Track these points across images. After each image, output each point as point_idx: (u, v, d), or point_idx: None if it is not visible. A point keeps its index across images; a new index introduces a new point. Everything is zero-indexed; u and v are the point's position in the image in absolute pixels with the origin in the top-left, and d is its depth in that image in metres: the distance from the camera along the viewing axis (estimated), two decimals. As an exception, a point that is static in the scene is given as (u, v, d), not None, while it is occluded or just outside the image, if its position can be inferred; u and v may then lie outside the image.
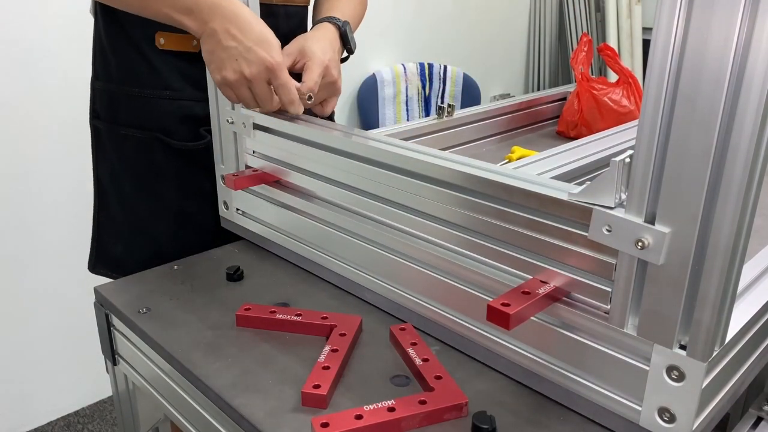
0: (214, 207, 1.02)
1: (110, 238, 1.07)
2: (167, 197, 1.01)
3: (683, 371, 0.52)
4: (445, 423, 0.61)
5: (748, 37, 0.42)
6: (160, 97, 0.97)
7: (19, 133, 1.73)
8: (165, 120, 0.98)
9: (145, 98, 0.98)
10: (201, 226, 1.03)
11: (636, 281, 0.53)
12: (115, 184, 1.04)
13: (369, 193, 0.77)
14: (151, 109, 0.98)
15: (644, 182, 0.50)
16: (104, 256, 1.08)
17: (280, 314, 0.76)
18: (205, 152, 0.99)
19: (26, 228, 1.80)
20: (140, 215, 1.03)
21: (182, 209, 1.02)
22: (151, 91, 0.97)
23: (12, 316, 1.83)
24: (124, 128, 1.00)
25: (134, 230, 1.04)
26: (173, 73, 0.97)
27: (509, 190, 0.62)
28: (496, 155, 1.27)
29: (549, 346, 0.62)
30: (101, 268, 1.09)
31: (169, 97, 0.97)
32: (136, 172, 1.01)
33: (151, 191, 1.01)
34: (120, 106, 1.00)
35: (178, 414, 0.76)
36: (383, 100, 2.47)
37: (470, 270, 0.67)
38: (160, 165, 1.00)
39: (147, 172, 1.01)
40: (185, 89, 0.98)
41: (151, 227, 1.03)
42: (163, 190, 1.01)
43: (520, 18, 3.03)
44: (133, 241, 1.05)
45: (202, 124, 0.98)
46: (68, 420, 1.99)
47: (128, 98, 0.98)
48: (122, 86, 0.99)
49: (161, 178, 1.01)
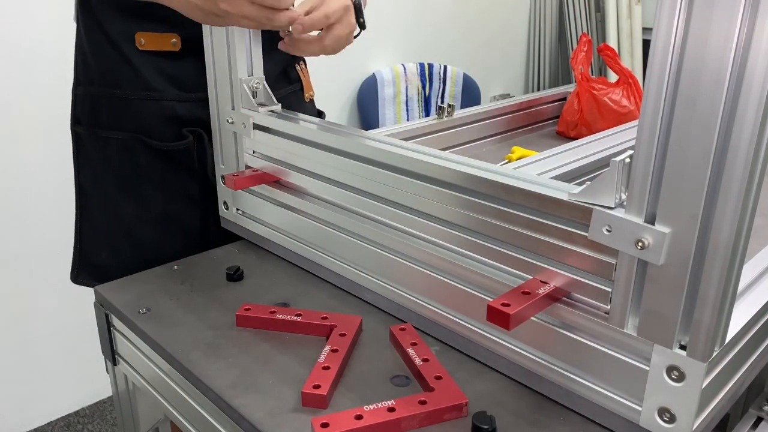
0: (201, 210, 1.01)
1: (93, 246, 1.05)
2: (152, 200, 1.00)
3: (683, 371, 0.52)
4: (445, 423, 0.61)
5: (748, 37, 0.42)
6: (141, 98, 0.96)
7: (19, 132, 1.73)
8: (147, 121, 0.96)
9: (127, 99, 0.96)
10: (187, 229, 1.02)
11: (636, 281, 0.53)
12: (99, 189, 1.02)
13: (369, 193, 0.77)
14: (132, 110, 0.96)
15: (644, 182, 0.50)
16: (87, 264, 1.06)
17: (280, 314, 0.76)
18: (187, 153, 0.97)
19: (26, 228, 1.80)
20: (125, 219, 1.01)
21: (167, 212, 1.00)
22: (133, 92, 0.96)
23: (12, 316, 1.83)
24: (106, 131, 0.98)
25: (119, 235, 1.02)
26: (154, 73, 0.95)
27: (509, 190, 0.62)
28: (496, 155, 1.27)
29: (549, 346, 0.62)
30: (84, 278, 1.07)
31: (151, 97, 0.96)
32: (120, 175, 1.00)
33: (135, 194, 1.00)
34: (101, 109, 0.98)
35: (178, 414, 0.76)
36: (383, 100, 2.47)
37: (470, 270, 0.67)
38: (143, 167, 0.98)
39: (130, 175, 0.99)
40: (167, 89, 0.96)
41: (136, 231, 1.01)
42: (147, 192, 1.00)
43: (520, 18, 3.03)
44: (118, 247, 1.03)
45: (185, 125, 0.97)
46: (68, 420, 1.99)
47: (110, 100, 0.97)
48: (103, 89, 0.97)
49: (145, 180, 0.99)
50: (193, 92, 0.97)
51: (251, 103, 0.89)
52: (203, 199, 1.01)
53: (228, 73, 0.90)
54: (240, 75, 0.88)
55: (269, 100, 0.91)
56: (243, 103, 0.90)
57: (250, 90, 0.89)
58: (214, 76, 0.92)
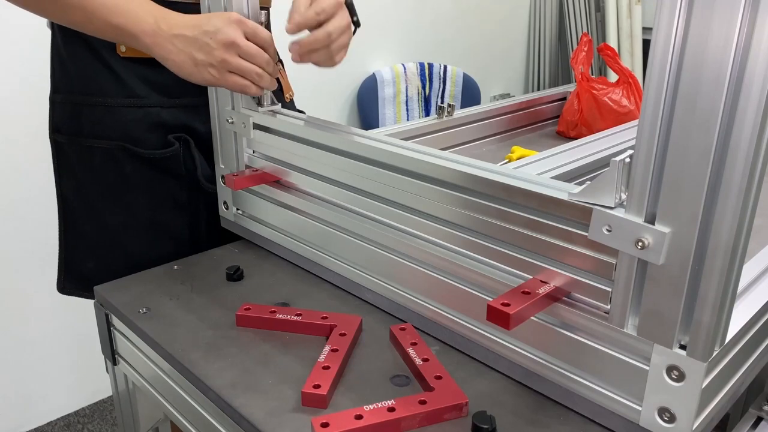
0: (190, 217, 1.00)
1: (79, 257, 1.04)
2: (138, 208, 0.98)
3: (683, 371, 0.52)
4: (445, 423, 0.61)
5: (748, 37, 0.42)
6: (124, 105, 0.94)
7: (20, 132, 1.73)
8: (131, 128, 0.94)
9: (109, 107, 0.94)
10: (176, 236, 1.00)
11: (636, 281, 0.53)
12: (83, 199, 1.00)
13: (369, 193, 0.77)
14: (115, 118, 0.94)
15: (644, 182, 0.50)
16: (74, 275, 1.05)
17: (280, 314, 0.76)
18: (174, 160, 0.96)
19: (26, 228, 1.80)
20: (112, 229, 0.99)
21: (155, 220, 0.99)
22: (115, 99, 0.94)
23: (12, 316, 1.83)
24: (89, 140, 0.96)
25: (106, 245, 1.00)
26: (137, 80, 0.94)
27: (509, 190, 0.62)
28: (496, 155, 1.27)
29: (549, 346, 0.62)
30: (72, 288, 1.05)
31: (134, 105, 0.94)
32: (105, 184, 0.98)
33: (122, 203, 0.98)
34: (83, 117, 0.96)
35: (178, 414, 0.76)
36: (383, 100, 2.47)
37: (470, 270, 0.67)
38: (128, 175, 0.96)
39: (116, 184, 0.97)
40: (150, 96, 0.94)
41: (124, 240, 0.99)
42: (133, 200, 0.98)
43: (520, 18, 3.03)
44: (106, 257, 1.01)
45: (171, 131, 0.95)
46: (68, 420, 1.99)
47: (91, 108, 0.95)
48: (84, 96, 0.95)
49: (131, 188, 0.97)
50: (177, 98, 0.95)
51: (251, 103, 0.89)
52: (191, 205, 1.00)
53: (228, 73, 0.89)
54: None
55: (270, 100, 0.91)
56: (243, 103, 0.90)
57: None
58: (214, 76, 0.92)
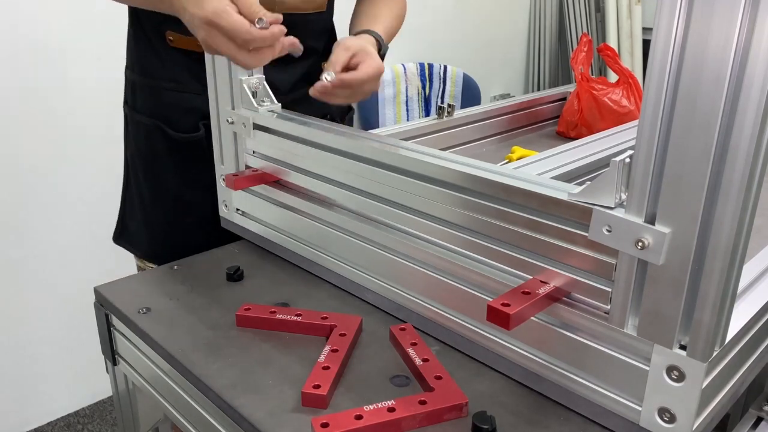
0: (214, 197, 1.03)
1: (129, 216, 1.14)
2: (166, 184, 1.06)
3: (683, 371, 0.52)
4: (445, 423, 0.61)
5: (748, 37, 0.42)
6: (166, 88, 1.03)
7: (19, 133, 1.73)
8: (169, 110, 1.03)
9: (153, 88, 1.04)
10: (200, 215, 1.07)
11: (636, 281, 0.53)
12: (133, 166, 1.11)
13: (369, 193, 0.77)
14: (157, 98, 1.04)
15: (644, 182, 0.50)
16: (125, 230, 1.15)
17: (280, 314, 0.76)
18: (199, 144, 1.02)
19: (26, 228, 1.80)
20: (144, 201, 1.09)
21: (181, 197, 1.06)
22: (159, 82, 1.03)
23: (12, 316, 1.83)
24: (137, 114, 1.06)
25: (142, 212, 1.10)
26: (180, 68, 1.01)
27: (509, 190, 0.62)
28: (496, 155, 1.27)
29: (549, 346, 0.62)
30: (122, 241, 1.15)
31: (174, 89, 1.02)
32: (143, 158, 1.08)
33: (153, 177, 1.07)
34: (137, 94, 1.06)
35: (178, 414, 0.76)
36: (383, 100, 2.47)
37: (470, 270, 0.67)
38: (160, 152, 1.05)
39: (150, 158, 1.07)
40: (190, 83, 1.02)
41: (151, 213, 1.09)
42: (162, 176, 1.06)
43: (520, 18, 3.03)
44: (142, 222, 1.11)
45: (202, 118, 1.01)
46: (68, 420, 1.99)
47: (142, 87, 1.05)
48: (140, 77, 1.05)
49: (161, 164, 1.06)
50: None
51: (251, 103, 0.89)
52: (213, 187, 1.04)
53: (228, 73, 0.90)
54: (240, 75, 0.88)
55: (270, 99, 0.91)
56: (243, 103, 0.90)
57: (250, 90, 0.89)
58: (213, 76, 0.92)
